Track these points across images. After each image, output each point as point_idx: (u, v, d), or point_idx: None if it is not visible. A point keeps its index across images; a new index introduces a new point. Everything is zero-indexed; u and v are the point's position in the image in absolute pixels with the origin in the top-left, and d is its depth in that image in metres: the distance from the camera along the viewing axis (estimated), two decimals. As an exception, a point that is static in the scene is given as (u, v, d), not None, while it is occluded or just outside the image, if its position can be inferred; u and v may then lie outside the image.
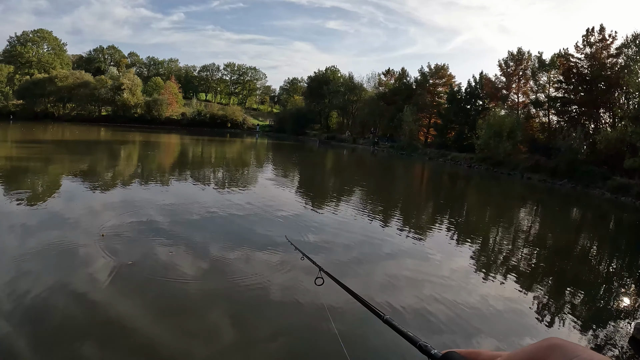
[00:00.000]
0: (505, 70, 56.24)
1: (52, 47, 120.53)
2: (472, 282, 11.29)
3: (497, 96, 56.60)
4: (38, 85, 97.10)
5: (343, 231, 15.80)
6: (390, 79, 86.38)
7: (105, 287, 9.59)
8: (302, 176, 35.76)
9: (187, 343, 7.58)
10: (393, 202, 24.62)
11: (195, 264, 11.27)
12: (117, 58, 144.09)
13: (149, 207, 17.73)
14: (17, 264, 10.53)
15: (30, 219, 15.18)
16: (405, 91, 76.29)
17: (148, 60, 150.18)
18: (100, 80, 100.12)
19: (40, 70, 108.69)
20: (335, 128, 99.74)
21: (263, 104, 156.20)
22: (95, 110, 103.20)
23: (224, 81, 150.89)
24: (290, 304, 9.27)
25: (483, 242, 16.53)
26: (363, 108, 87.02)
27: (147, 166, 34.76)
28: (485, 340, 8.05)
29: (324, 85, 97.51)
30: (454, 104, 62.54)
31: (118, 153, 43.75)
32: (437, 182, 39.88)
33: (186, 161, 41.51)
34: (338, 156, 62.07)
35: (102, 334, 7.64)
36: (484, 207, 26.01)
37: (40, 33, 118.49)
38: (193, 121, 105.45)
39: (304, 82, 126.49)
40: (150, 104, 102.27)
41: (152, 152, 49.02)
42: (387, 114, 75.66)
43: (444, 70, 72.58)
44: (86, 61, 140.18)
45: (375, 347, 7.34)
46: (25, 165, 29.60)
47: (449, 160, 53.97)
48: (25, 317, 8.02)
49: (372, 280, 10.97)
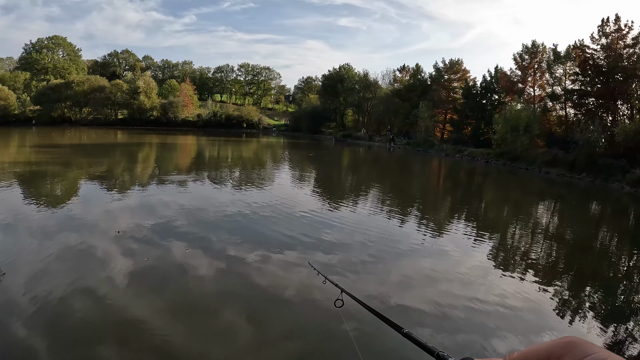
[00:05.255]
0: (520, 63, 55.34)
1: (67, 53, 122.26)
2: (490, 279, 11.27)
3: (513, 90, 55.76)
4: (55, 90, 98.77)
5: (360, 229, 15.87)
6: (405, 76, 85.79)
7: (122, 287, 9.79)
8: (319, 175, 35.79)
9: (203, 343, 7.68)
10: (410, 199, 24.57)
11: (212, 264, 11.40)
12: (132, 62, 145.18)
13: (165, 208, 17.96)
14: (36, 265, 10.80)
15: (49, 221, 15.51)
16: (420, 87, 75.93)
17: (162, 63, 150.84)
18: (116, 84, 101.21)
19: (56, 76, 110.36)
20: (351, 126, 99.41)
21: (278, 104, 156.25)
22: (111, 114, 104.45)
23: (238, 82, 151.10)
24: (306, 304, 9.33)
25: (501, 239, 16.51)
26: (378, 105, 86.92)
27: (164, 167, 35.05)
28: (504, 338, 8.02)
29: (339, 83, 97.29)
30: (470, 99, 62.06)
31: (135, 155, 44.13)
32: (454, 178, 39.73)
33: (203, 162, 41.76)
34: (354, 154, 62.05)
35: (118, 334, 7.96)
36: (501, 203, 25.86)
37: (54, 39, 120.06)
38: (209, 122, 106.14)
39: (319, 81, 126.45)
40: (166, 107, 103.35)
41: (169, 153, 49.36)
42: (403, 110, 75.20)
43: (458, 65, 71.99)
44: (101, 66, 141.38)
45: (389, 349, 7.34)
46: (44, 169, 30.07)
47: (466, 155, 53.53)
48: (43, 317, 8.27)
49: (390, 278, 11.00)
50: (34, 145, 52.27)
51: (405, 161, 53.33)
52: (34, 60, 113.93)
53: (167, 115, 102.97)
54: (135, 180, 26.68)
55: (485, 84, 61.07)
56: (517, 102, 52.88)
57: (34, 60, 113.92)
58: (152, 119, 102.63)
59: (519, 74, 55.65)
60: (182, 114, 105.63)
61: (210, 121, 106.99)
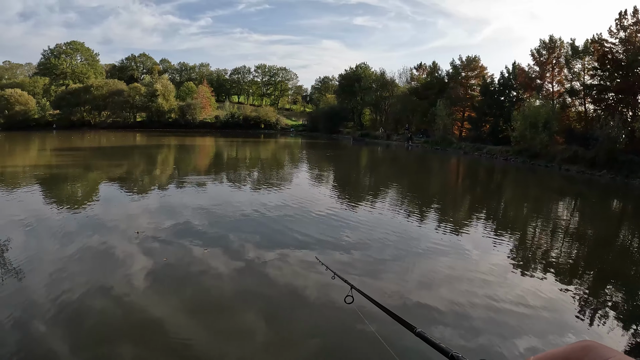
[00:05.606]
0: (538, 59, 54.83)
1: (85, 58, 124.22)
2: (509, 279, 11.16)
3: (531, 86, 55.19)
4: (73, 95, 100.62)
5: (379, 228, 15.85)
6: (422, 74, 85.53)
7: (142, 287, 9.92)
8: (337, 174, 35.85)
9: (222, 342, 7.77)
10: (428, 198, 24.49)
11: (230, 264, 11.50)
12: (149, 65, 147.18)
13: (184, 208, 18.16)
14: (57, 265, 11.02)
15: (70, 222, 15.80)
16: (437, 85, 75.59)
17: (179, 65, 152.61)
18: (134, 88, 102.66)
19: (75, 81, 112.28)
20: (369, 125, 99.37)
21: (295, 104, 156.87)
22: (130, 117, 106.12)
23: (255, 83, 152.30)
24: (325, 303, 9.35)
25: (521, 237, 16.26)
26: (396, 104, 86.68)
27: (182, 169, 35.36)
28: (523, 339, 7.91)
29: (356, 82, 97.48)
30: (488, 96, 61.56)
31: (154, 157, 44.54)
32: (472, 176, 39.44)
33: (221, 163, 42.03)
34: (372, 153, 61.95)
35: (138, 334, 8.04)
36: (521, 201, 25.61)
37: (72, 45, 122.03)
38: (227, 123, 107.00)
39: (335, 80, 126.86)
40: (184, 109, 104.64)
41: (188, 155, 49.72)
42: (420, 109, 74.93)
43: (475, 62, 71.45)
44: (119, 70, 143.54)
45: (402, 348, 7.34)
46: (65, 172, 30.54)
47: (485, 153, 53.13)
48: (63, 317, 8.42)
49: (408, 278, 10.98)
50: (54, 149, 52.98)
51: (423, 160, 53.15)
52: (53, 65, 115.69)
53: (185, 117, 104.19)
54: (154, 182, 26.95)
55: (503, 81, 60.52)
56: (535, 99, 52.30)
57: (52, 66, 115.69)
58: (171, 121, 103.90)
59: (537, 70, 55.26)
60: (200, 115, 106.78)
61: (228, 122, 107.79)
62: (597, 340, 0.95)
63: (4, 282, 9.93)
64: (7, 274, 10.38)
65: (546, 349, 4.70)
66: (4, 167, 33.56)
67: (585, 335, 8.16)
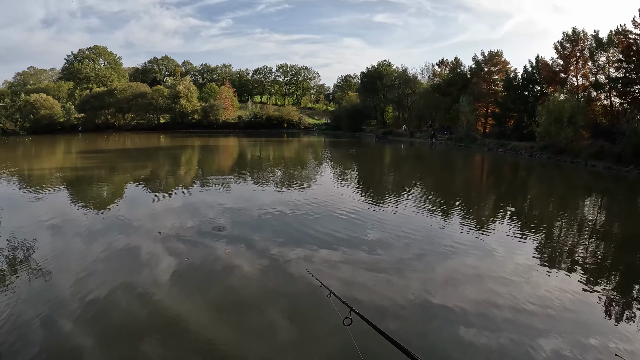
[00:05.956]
0: (561, 52, 53.74)
1: (108, 62, 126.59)
2: (535, 278, 11.17)
3: (555, 80, 54.14)
4: (97, 98, 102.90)
5: (402, 227, 15.99)
6: (444, 70, 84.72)
7: (165, 285, 10.15)
8: (360, 173, 35.96)
9: (246, 340, 7.95)
10: (453, 196, 24.47)
11: (254, 262, 11.70)
12: (172, 67, 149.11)
13: (208, 208, 18.48)
14: (82, 265, 11.31)
15: (96, 223, 16.25)
16: (460, 81, 74.70)
17: (201, 67, 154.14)
18: (157, 90, 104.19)
19: (98, 84, 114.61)
20: (392, 123, 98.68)
21: (318, 103, 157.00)
22: (154, 119, 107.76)
23: (277, 82, 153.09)
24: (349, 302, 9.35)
25: (547, 236, 16.21)
26: (418, 101, 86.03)
27: (206, 169, 35.72)
28: (549, 339, 7.88)
29: (378, 80, 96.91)
30: (511, 91, 60.51)
31: (178, 158, 45.09)
32: (497, 173, 39.17)
33: (244, 163, 42.35)
34: (396, 151, 61.80)
35: (163, 331, 8.40)
36: (546, 198, 25.33)
37: (95, 49, 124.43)
38: (250, 123, 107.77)
39: (357, 78, 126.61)
40: (207, 110, 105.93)
41: (211, 155, 50.15)
42: (443, 105, 74.30)
43: (498, 56, 70.37)
44: (142, 72, 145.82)
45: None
46: (90, 173, 31.21)
47: (509, 150, 52.44)
48: (89, 315, 8.68)
49: (433, 277, 11.09)
50: (80, 151, 53.93)
51: (447, 157, 52.87)
52: (76, 70, 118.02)
53: (209, 118, 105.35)
54: (178, 182, 27.32)
55: (526, 75, 59.38)
56: (560, 93, 51.35)
57: (76, 70, 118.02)
58: (194, 122, 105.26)
59: (561, 63, 54.14)
60: (223, 116, 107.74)
61: (251, 122, 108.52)
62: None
63: (33, 281, 10.30)
64: (36, 274, 10.72)
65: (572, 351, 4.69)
66: (31, 170, 34.31)
67: (612, 335, 8.08)
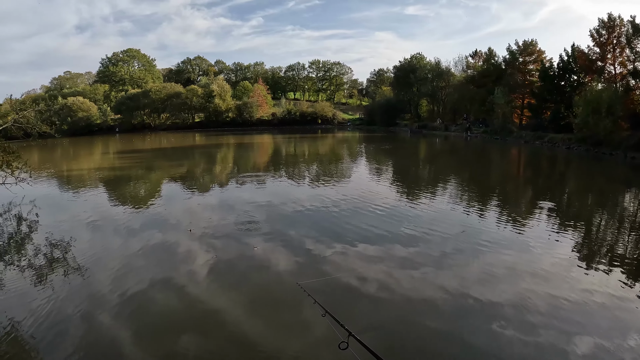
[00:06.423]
0: (597, 39, 51.95)
1: (142, 64, 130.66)
2: (573, 274, 11.00)
3: (592, 69, 52.60)
4: (133, 99, 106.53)
5: (438, 222, 16.08)
6: (478, 61, 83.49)
7: (201, 281, 10.60)
8: (395, 167, 36.00)
9: (280, 335, 8.18)
10: (489, 191, 24.38)
11: (289, 259, 12.02)
12: (205, 67, 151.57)
13: (245, 205, 18.89)
14: (121, 261, 11.73)
15: (132, 220, 16.94)
16: (494, 72, 73.47)
17: (234, 66, 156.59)
18: (191, 90, 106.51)
19: (133, 86, 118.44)
20: (426, 116, 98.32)
21: (351, 98, 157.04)
22: (188, 118, 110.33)
23: (310, 79, 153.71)
24: (385, 298, 9.51)
25: (586, 231, 15.78)
26: (452, 93, 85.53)
27: (241, 166, 36.11)
28: (587, 337, 7.86)
29: (411, 73, 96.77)
30: (547, 82, 59.17)
31: (213, 156, 45.77)
32: (534, 166, 38.52)
33: (279, 159, 42.75)
34: (430, 145, 61.61)
35: (199, 325, 8.76)
36: (585, 193, 24.87)
37: (129, 52, 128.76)
38: (284, 120, 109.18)
39: (390, 72, 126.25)
40: (240, 108, 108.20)
41: (246, 152, 50.67)
42: (478, 97, 73.11)
43: (533, 46, 68.80)
44: (176, 73, 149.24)
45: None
46: (128, 173, 32.01)
47: (546, 142, 51.52)
48: (127, 309, 9.25)
49: (469, 272, 11.11)
50: (117, 151, 55.36)
51: (482, 151, 52.42)
52: (111, 73, 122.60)
53: (243, 116, 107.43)
54: (214, 180, 27.87)
55: (562, 65, 57.92)
56: (597, 82, 49.99)
57: (111, 73, 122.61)
58: (228, 120, 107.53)
59: (597, 51, 52.49)
60: (257, 113, 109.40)
61: (285, 119, 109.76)
62: None
63: (72, 278, 10.85)
64: (75, 270, 11.31)
65: (610, 349, 4.79)
66: (70, 171, 35.32)
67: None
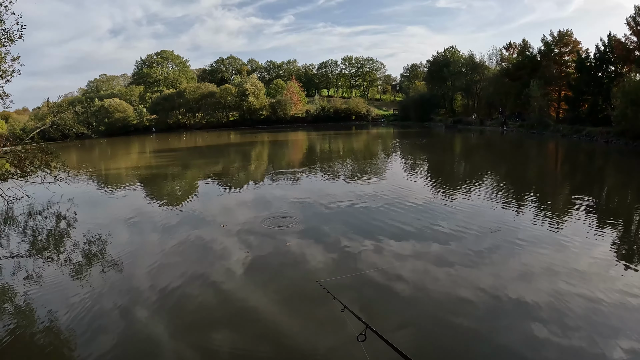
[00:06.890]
0: (634, 28, 49.93)
1: (176, 65, 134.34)
2: (613, 274, 10.82)
3: (629, 59, 50.93)
4: (168, 100, 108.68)
5: (474, 218, 16.08)
6: (512, 53, 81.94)
7: (236, 277, 10.81)
8: (430, 163, 35.99)
9: (315, 331, 8.25)
10: (525, 186, 24.16)
11: (323, 255, 12.28)
12: (238, 66, 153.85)
13: (279, 202, 19.33)
14: (157, 258, 12.04)
15: (168, 217, 17.58)
16: (529, 64, 71.77)
17: (267, 64, 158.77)
18: (225, 89, 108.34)
19: (168, 87, 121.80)
20: (461, 111, 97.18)
21: (385, 94, 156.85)
22: (223, 117, 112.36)
23: (343, 75, 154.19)
24: (419, 295, 9.62)
25: (625, 229, 15.39)
26: (487, 87, 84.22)
27: (276, 163, 36.50)
28: (625, 339, 7.79)
29: (444, 67, 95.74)
30: (584, 73, 57.55)
31: (248, 154, 46.35)
32: (571, 161, 37.86)
33: (314, 156, 43.06)
34: (466, 140, 61.22)
35: (233, 321, 9.01)
36: (624, 189, 24.21)
37: (163, 54, 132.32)
38: (318, 117, 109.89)
39: (424, 67, 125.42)
40: (274, 105, 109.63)
41: (281, 150, 51.11)
42: (513, 90, 71.81)
43: (568, 36, 66.89)
44: (209, 73, 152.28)
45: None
46: (164, 171, 32.74)
47: (584, 136, 50.11)
48: (165, 306, 9.85)
49: (505, 270, 11.15)
50: (154, 151, 56.52)
51: (519, 145, 51.59)
52: (146, 74, 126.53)
53: (277, 114, 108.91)
54: (249, 177, 28.32)
55: (599, 55, 56.11)
56: (635, 72, 48.45)
57: (145, 75, 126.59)
58: (262, 118, 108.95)
59: (635, 40, 50.49)
60: (290, 111, 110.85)
61: (319, 116, 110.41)
62: None
63: (110, 273, 11.31)
64: (113, 266, 11.78)
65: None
66: (107, 170, 36.18)
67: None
